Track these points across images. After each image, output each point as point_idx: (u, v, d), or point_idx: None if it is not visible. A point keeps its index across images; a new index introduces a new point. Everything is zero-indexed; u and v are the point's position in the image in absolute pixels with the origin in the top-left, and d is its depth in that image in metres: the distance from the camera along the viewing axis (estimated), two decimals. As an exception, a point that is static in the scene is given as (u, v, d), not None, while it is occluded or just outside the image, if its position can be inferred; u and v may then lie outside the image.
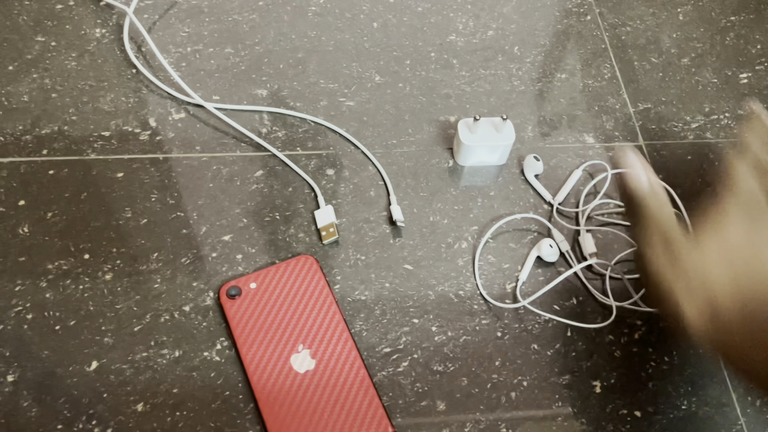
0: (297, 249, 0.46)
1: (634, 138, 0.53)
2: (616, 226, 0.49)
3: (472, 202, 0.49)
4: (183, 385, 0.41)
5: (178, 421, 0.39)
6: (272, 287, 0.43)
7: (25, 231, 0.46)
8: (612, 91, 0.56)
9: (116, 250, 0.45)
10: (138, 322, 0.43)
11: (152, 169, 0.49)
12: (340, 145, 0.51)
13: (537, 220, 0.49)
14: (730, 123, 0.55)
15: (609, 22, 0.61)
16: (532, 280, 0.46)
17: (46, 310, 0.43)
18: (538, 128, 0.53)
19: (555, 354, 0.43)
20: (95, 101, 0.52)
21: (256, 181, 0.49)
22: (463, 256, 0.47)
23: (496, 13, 0.60)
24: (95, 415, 0.39)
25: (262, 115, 0.52)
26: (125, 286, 0.44)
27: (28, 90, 0.52)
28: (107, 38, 0.56)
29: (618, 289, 0.46)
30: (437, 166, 0.51)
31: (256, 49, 0.56)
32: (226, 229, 0.47)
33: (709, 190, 0.51)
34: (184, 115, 0.52)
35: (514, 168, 0.51)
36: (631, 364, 0.43)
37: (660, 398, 0.42)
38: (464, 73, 0.56)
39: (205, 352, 0.42)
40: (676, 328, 0.31)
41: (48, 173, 0.48)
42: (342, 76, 0.55)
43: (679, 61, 0.59)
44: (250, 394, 0.40)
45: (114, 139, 0.50)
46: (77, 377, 0.40)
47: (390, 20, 0.59)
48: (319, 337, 0.42)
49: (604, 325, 0.44)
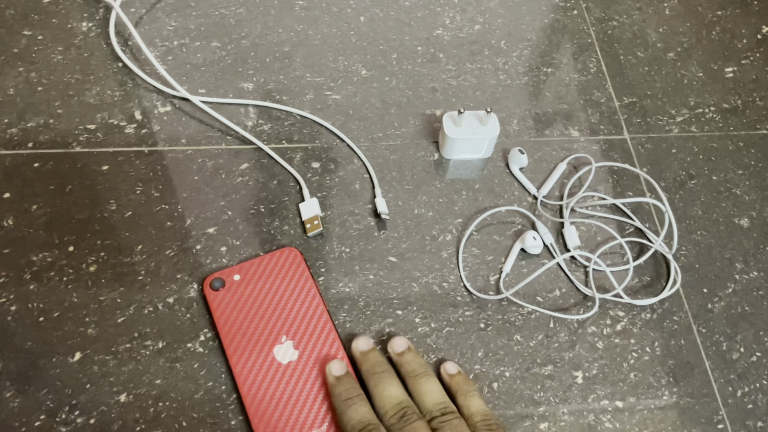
0: (282, 241, 0.46)
1: (619, 131, 0.54)
2: (599, 218, 0.49)
3: (456, 195, 0.49)
4: (166, 376, 0.41)
5: (161, 411, 0.40)
6: (256, 279, 0.43)
7: (9, 223, 0.46)
8: (598, 84, 0.56)
9: (101, 242, 0.45)
10: (122, 313, 0.43)
11: (137, 162, 0.49)
12: (325, 138, 0.51)
13: (521, 213, 0.49)
14: (715, 117, 0.55)
15: (595, 17, 0.61)
16: (516, 272, 0.46)
17: (30, 302, 0.43)
18: (524, 122, 0.54)
19: (537, 345, 0.43)
20: (81, 94, 0.52)
21: (241, 174, 0.49)
22: (448, 248, 0.47)
23: (483, 8, 0.61)
24: (78, 406, 0.39)
25: (248, 109, 0.53)
26: (109, 278, 0.44)
27: (14, 83, 0.52)
28: (94, 32, 0.56)
29: (601, 280, 0.46)
30: (422, 159, 0.51)
31: (242, 43, 0.56)
32: (210, 221, 0.47)
33: (693, 184, 0.51)
34: (169, 108, 0.52)
35: (499, 161, 0.51)
36: (613, 355, 0.43)
37: (641, 389, 0.42)
38: (451, 67, 0.56)
39: (188, 343, 0.42)
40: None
41: (33, 166, 0.48)
42: (328, 70, 0.55)
43: (665, 55, 0.59)
44: (233, 384, 0.41)
45: (99, 132, 0.50)
46: (60, 368, 0.41)
47: (377, 14, 0.59)
48: (302, 328, 0.42)
49: (586, 316, 0.44)
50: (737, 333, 0.45)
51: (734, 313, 0.45)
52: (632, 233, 0.48)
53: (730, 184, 0.52)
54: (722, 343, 0.44)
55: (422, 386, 0.38)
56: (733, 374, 0.43)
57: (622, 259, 0.47)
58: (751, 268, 0.48)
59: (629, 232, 0.48)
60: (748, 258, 0.48)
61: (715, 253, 0.48)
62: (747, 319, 0.45)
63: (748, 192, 0.51)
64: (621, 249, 0.47)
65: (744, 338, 0.45)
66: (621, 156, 0.52)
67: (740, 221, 0.50)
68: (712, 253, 0.48)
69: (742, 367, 0.43)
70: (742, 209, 0.50)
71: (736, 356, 0.44)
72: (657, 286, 0.46)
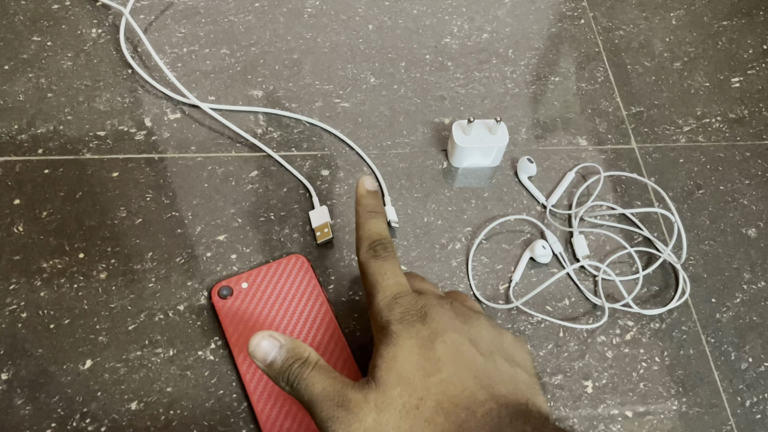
0: (291, 249, 0.46)
1: (626, 141, 0.54)
2: (608, 228, 0.49)
3: (465, 204, 0.49)
4: (177, 383, 0.41)
5: (171, 419, 0.40)
6: (264, 287, 0.44)
7: (20, 230, 0.46)
8: (605, 94, 0.57)
9: (111, 249, 0.45)
10: (132, 321, 0.43)
11: (147, 169, 0.49)
12: (335, 146, 0.52)
13: (530, 222, 0.49)
14: (722, 127, 0.55)
15: (602, 26, 0.61)
16: (525, 281, 0.46)
17: (41, 309, 0.43)
18: (532, 131, 0.54)
19: (547, 354, 0.44)
20: (91, 101, 0.52)
21: (251, 181, 0.49)
22: (457, 256, 0.47)
23: (491, 16, 0.61)
24: (89, 414, 0.39)
25: (257, 116, 0.53)
26: (120, 285, 0.44)
27: (24, 89, 0.52)
28: (103, 38, 0.56)
29: (610, 290, 0.46)
30: (431, 167, 0.51)
31: (251, 50, 0.56)
32: (220, 228, 0.47)
33: (701, 194, 0.52)
34: (179, 115, 0.52)
35: (507, 170, 0.51)
36: (623, 364, 0.43)
37: (650, 398, 0.42)
38: (459, 75, 0.57)
39: (199, 351, 0.42)
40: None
41: (43, 172, 0.48)
42: (337, 78, 0.55)
43: (672, 64, 0.59)
44: (243, 393, 0.41)
45: (109, 138, 0.50)
46: (71, 376, 0.41)
47: (385, 22, 0.59)
48: (310, 336, 0.42)
49: (596, 326, 0.45)
50: (746, 343, 0.45)
51: (742, 323, 0.46)
52: (641, 243, 0.49)
53: (737, 194, 0.52)
54: (731, 353, 0.44)
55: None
56: (742, 384, 0.43)
57: (630, 268, 0.47)
58: (759, 278, 0.48)
59: (638, 241, 0.49)
60: (756, 268, 0.48)
61: (722, 263, 0.48)
62: (755, 329, 0.46)
63: (755, 202, 0.51)
64: (630, 258, 0.48)
65: (752, 348, 0.45)
66: (629, 165, 0.52)
67: (747, 231, 0.50)
68: (719, 263, 0.48)
69: (751, 377, 0.44)
70: (750, 219, 0.50)
71: (745, 366, 0.44)
72: (666, 295, 0.46)
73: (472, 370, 0.32)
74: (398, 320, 0.34)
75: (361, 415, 0.31)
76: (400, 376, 0.32)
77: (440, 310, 0.35)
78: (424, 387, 0.31)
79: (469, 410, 0.31)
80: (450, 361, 0.32)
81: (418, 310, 0.34)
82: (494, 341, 0.35)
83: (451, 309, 0.35)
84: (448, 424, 0.30)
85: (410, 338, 0.33)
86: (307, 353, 0.34)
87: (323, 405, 0.32)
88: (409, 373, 0.32)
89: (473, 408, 0.31)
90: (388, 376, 0.32)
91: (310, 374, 0.33)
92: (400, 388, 0.31)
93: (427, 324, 0.34)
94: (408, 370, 0.32)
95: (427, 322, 0.34)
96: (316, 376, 0.33)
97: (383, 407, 0.31)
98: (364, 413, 0.31)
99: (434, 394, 0.31)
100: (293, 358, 0.33)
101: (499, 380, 0.33)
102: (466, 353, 0.33)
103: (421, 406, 0.31)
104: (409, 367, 0.32)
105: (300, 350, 0.34)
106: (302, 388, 0.32)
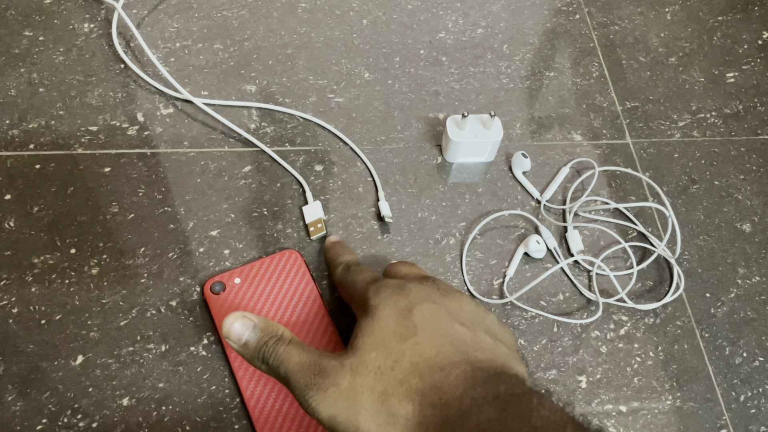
0: (285, 244, 0.46)
1: (621, 136, 0.54)
2: (603, 222, 0.49)
3: (460, 199, 0.49)
4: (169, 379, 0.41)
5: (164, 415, 0.39)
6: (256, 282, 0.43)
7: (11, 225, 0.45)
8: (600, 89, 0.56)
9: (103, 244, 0.45)
10: (124, 316, 0.43)
11: (140, 164, 0.49)
12: (328, 141, 0.51)
13: (524, 217, 0.49)
14: (717, 122, 0.55)
15: (597, 21, 0.61)
16: (519, 276, 0.46)
17: (32, 305, 0.42)
18: (527, 126, 0.54)
19: (541, 349, 0.43)
20: (83, 96, 0.52)
21: (244, 176, 0.49)
22: (451, 252, 0.47)
23: (486, 11, 0.61)
24: (80, 410, 0.39)
25: (250, 111, 0.52)
26: (111, 281, 0.44)
27: (16, 84, 0.52)
28: (95, 33, 0.56)
29: (604, 285, 0.46)
30: (426, 162, 0.51)
31: (245, 45, 0.56)
32: (213, 224, 0.47)
33: (695, 189, 0.51)
34: (172, 110, 0.52)
35: (502, 165, 0.51)
36: (617, 359, 0.43)
37: (645, 393, 0.42)
38: (453, 70, 0.56)
39: (191, 346, 0.42)
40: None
41: (35, 168, 0.48)
42: (331, 73, 0.55)
43: (667, 60, 0.59)
44: (236, 388, 0.40)
45: (101, 133, 0.50)
46: (62, 371, 0.40)
47: (380, 17, 0.59)
48: (304, 331, 0.42)
49: (590, 320, 0.44)
50: (740, 338, 0.45)
51: (737, 318, 0.46)
52: (635, 238, 0.48)
53: (732, 189, 0.52)
54: (725, 347, 0.44)
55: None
56: (736, 379, 0.43)
57: (625, 263, 0.47)
58: (754, 273, 0.48)
59: (632, 236, 0.49)
60: (751, 263, 0.48)
61: (717, 258, 0.48)
62: (749, 324, 0.45)
63: (749, 197, 0.51)
64: (624, 253, 0.48)
65: (747, 343, 0.45)
66: (623, 160, 0.52)
67: (742, 226, 0.50)
68: (714, 258, 0.48)
69: (745, 371, 0.43)
70: (744, 214, 0.50)
71: (739, 361, 0.44)
72: (660, 290, 0.46)
73: (449, 336, 0.33)
74: (376, 294, 0.35)
75: (337, 379, 0.31)
76: (376, 341, 0.33)
77: (419, 285, 0.36)
78: (400, 350, 0.32)
79: (443, 371, 0.31)
80: (426, 327, 0.33)
81: (397, 284, 0.35)
82: (477, 316, 0.36)
83: (433, 284, 0.36)
84: (422, 383, 0.31)
85: (387, 308, 0.34)
86: (281, 331, 0.34)
87: (299, 375, 0.32)
88: (386, 338, 0.32)
89: (448, 369, 0.31)
90: (365, 342, 0.33)
91: (285, 349, 0.33)
92: (375, 352, 0.32)
93: (405, 295, 0.34)
94: (385, 335, 0.33)
95: (405, 293, 0.35)
96: (291, 351, 0.33)
97: (359, 370, 0.31)
98: (340, 377, 0.31)
99: (409, 356, 0.32)
100: (267, 336, 0.34)
101: (477, 347, 0.33)
102: (443, 320, 0.34)
103: (396, 367, 0.31)
104: (387, 333, 0.33)
105: (273, 328, 0.34)
106: (278, 363, 0.33)
